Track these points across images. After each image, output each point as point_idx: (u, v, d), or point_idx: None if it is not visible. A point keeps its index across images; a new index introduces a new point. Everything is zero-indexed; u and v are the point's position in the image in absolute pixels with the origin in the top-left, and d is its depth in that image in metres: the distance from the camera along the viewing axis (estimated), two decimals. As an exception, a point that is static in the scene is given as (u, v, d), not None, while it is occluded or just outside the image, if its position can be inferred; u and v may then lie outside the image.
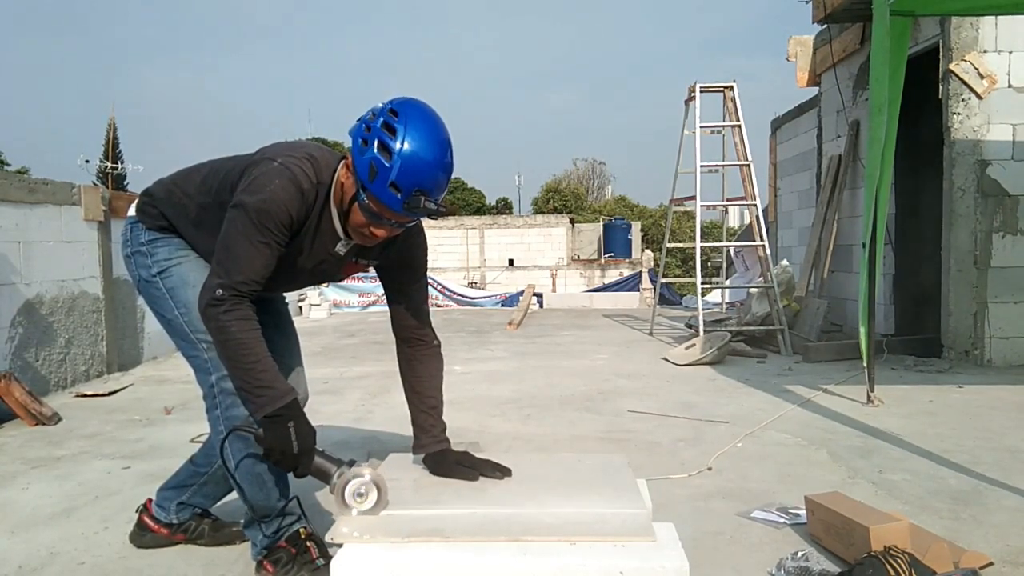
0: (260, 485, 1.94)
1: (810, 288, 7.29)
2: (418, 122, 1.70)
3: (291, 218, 1.78)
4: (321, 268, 1.99)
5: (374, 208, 1.74)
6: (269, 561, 1.94)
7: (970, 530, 2.23)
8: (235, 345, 1.74)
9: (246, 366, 1.74)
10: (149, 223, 2.04)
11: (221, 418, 1.92)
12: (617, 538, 1.52)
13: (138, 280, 2.06)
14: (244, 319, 1.75)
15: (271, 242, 1.77)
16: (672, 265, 19.88)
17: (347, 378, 5.25)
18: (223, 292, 1.74)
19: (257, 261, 1.76)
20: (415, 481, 1.89)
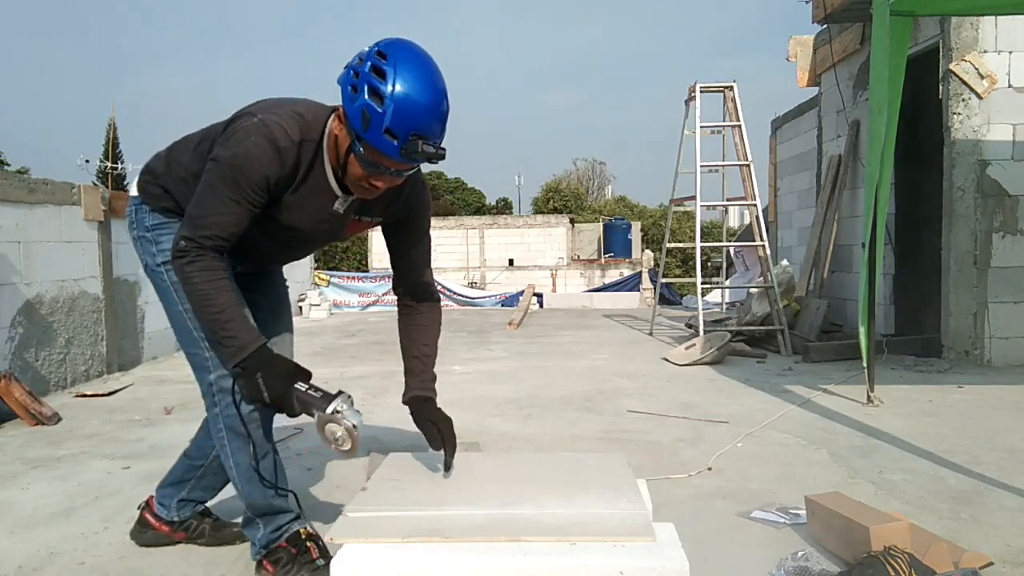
0: (257, 483, 1.93)
1: (810, 288, 7.29)
2: (408, 63, 1.62)
3: (266, 179, 1.73)
4: (322, 229, 1.93)
5: (370, 158, 1.67)
6: (269, 561, 1.94)
7: (970, 530, 2.23)
8: (198, 296, 1.73)
9: (210, 316, 1.73)
10: (153, 204, 1.98)
11: (220, 416, 1.91)
12: (617, 538, 1.52)
13: (144, 264, 2.03)
14: (207, 270, 1.72)
15: (242, 200, 1.72)
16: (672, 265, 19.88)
17: (347, 378, 5.25)
18: (186, 244, 1.71)
19: (224, 217, 1.72)
20: (415, 481, 1.89)
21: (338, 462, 3.07)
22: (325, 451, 3.21)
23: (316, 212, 1.86)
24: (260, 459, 1.91)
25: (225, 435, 1.92)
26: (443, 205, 30.28)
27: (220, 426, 1.91)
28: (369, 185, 1.76)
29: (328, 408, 1.72)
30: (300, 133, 1.75)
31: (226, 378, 1.86)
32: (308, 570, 1.90)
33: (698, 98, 7.15)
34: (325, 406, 1.72)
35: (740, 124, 7.18)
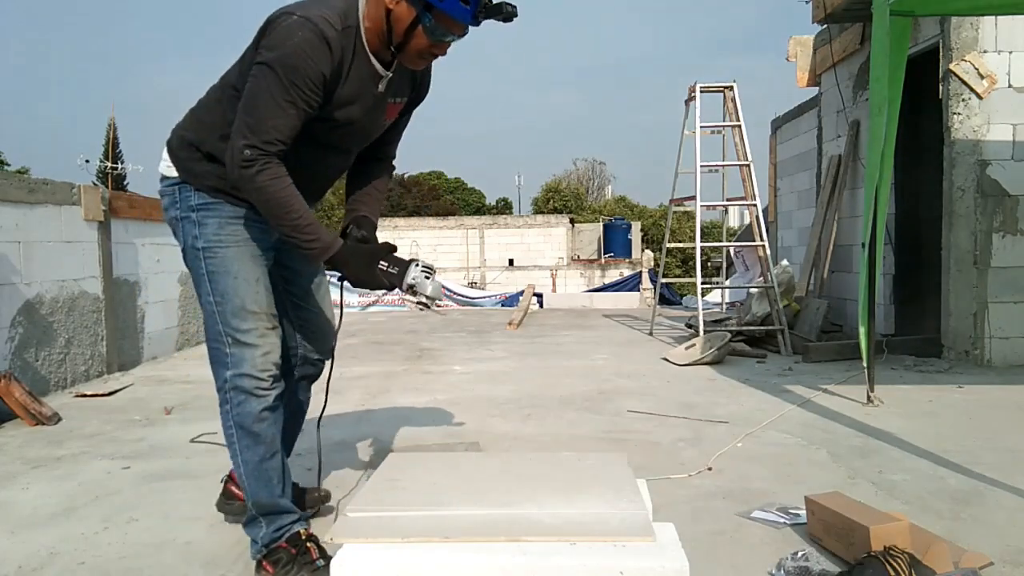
0: (265, 482, 1.96)
1: (810, 288, 7.29)
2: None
3: (321, 75, 1.75)
4: (371, 117, 1.98)
5: (442, 25, 1.76)
6: (269, 561, 1.94)
7: (970, 530, 2.23)
8: (276, 204, 1.77)
9: (291, 222, 1.79)
10: (197, 182, 1.95)
11: (231, 414, 1.95)
12: (617, 538, 1.52)
13: (183, 247, 2.03)
14: (277, 177, 1.76)
15: (298, 100, 1.73)
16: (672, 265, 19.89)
17: (347, 378, 5.25)
18: (251, 152, 1.72)
19: (283, 120, 1.73)
20: (415, 481, 1.89)
21: (338, 463, 3.07)
22: (325, 452, 3.21)
23: (366, 96, 1.91)
24: (268, 458, 1.95)
25: (235, 432, 1.96)
26: (443, 205, 30.29)
27: (230, 423, 1.95)
28: (431, 55, 1.86)
29: (404, 284, 1.91)
30: (341, 21, 1.78)
31: (240, 377, 1.90)
32: (308, 570, 1.90)
33: (698, 98, 7.15)
34: (401, 281, 1.91)
35: (740, 124, 7.18)
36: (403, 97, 2.05)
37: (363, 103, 1.91)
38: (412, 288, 1.91)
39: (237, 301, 1.92)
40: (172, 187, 2.00)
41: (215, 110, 1.95)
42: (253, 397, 1.93)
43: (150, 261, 6.22)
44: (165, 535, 2.29)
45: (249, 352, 1.92)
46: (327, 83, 1.77)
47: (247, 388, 1.91)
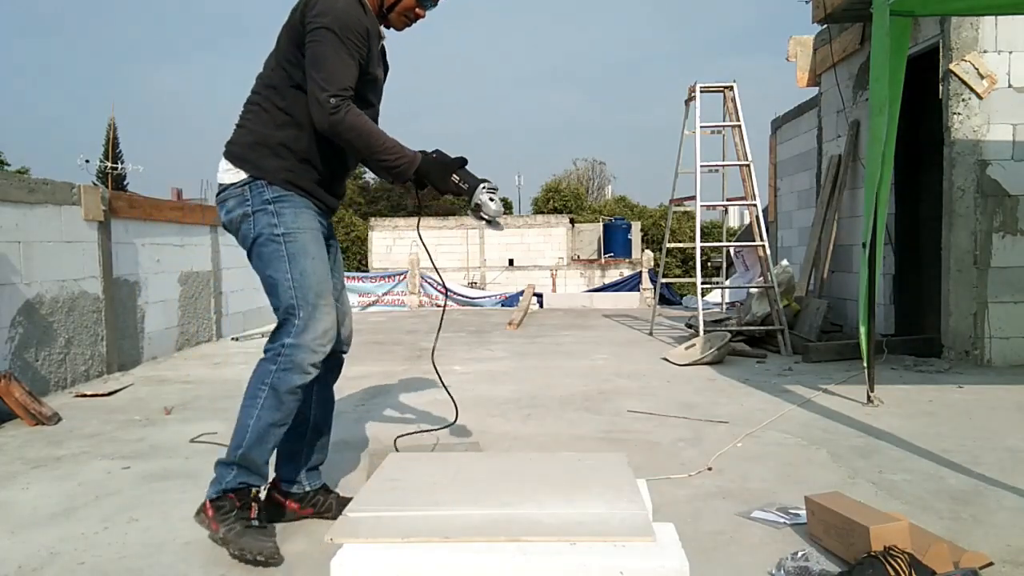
0: (265, 442, 2.12)
1: (810, 288, 7.29)
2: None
3: (367, 30, 2.07)
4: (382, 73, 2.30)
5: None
6: (213, 506, 2.08)
7: (970, 530, 2.23)
8: (367, 136, 2.05)
9: (382, 147, 2.07)
10: (271, 177, 2.17)
11: (273, 374, 2.10)
12: (617, 538, 1.52)
13: (256, 236, 2.17)
14: (359, 115, 2.04)
15: (354, 53, 2.04)
16: (672, 265, 19.89)
17: (347, 378, 5.23)
18: (336, 100, 1.99)
19: (347, 71, 2.03)
20: (415, 481, 1.89)
21: (338, 462, 3.07)
22: (325, 451, 3.22)
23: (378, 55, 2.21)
24: (279, 425, 2.11)
25: (266, 391, 2.10)
26: (443, 205, 30.28)
27: (267, 382, 2.10)
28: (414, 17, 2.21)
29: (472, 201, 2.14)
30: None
31: (298, 348, 2.08)
32: (242, 524, 2.03)
33: (698, 98, 7.15)
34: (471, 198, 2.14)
35: (740, 124, 7.18)
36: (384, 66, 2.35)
37: (377, 55, 2.21)
38: (478, 207, 2.13)
39: (315, 278, 2.15)
40: (240, 188, 2.18)
41: (265, 106, 2.18)
42: (299, 371, 2.10)
43: (150, 261, 6.22)
44: (165, 535, 2.29)
45: (316, 324, 2.12)
46: (367, 38, 2.08)
47: (298, 360, 2.09)
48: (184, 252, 6.94)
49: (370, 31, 2.10)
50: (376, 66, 2.21)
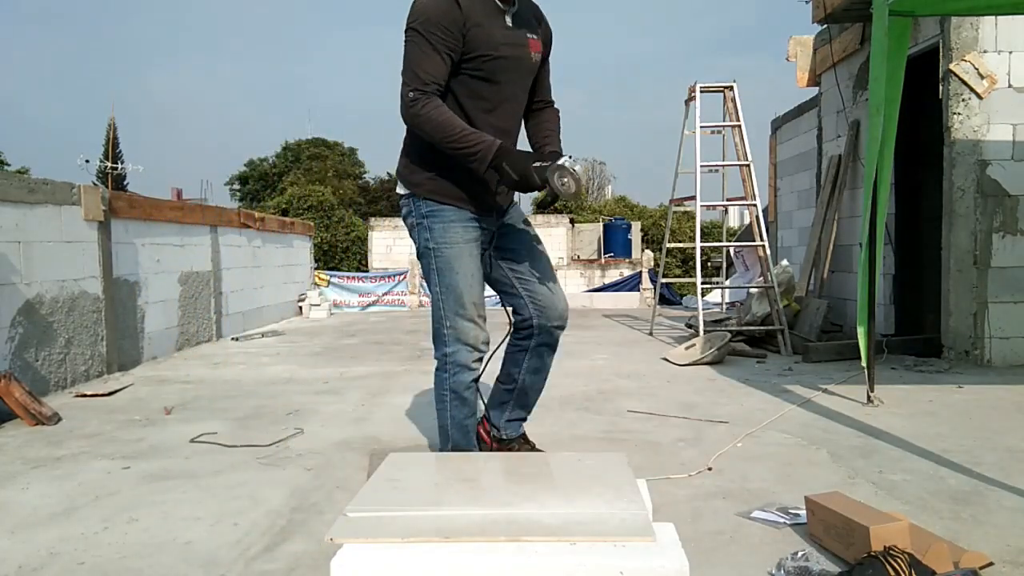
0: (465, 433, 2.46)
1: (810, 288, 7.29)
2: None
3: (452, 21, 2.15)
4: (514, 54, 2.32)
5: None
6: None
7: (970, 530, 2.23)
8: (437, 127, 2.14)
9: (453, 139, 2.15)
10: (420, 191, 2.40)
11: (448, 381, 2.39)
12: (617, 538, 1.52)
13: (418, 247, 2.47)
14: (436, 107, 2.15)
15: (438, 45, 2.14)
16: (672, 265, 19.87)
17: (347, 378, 5.25)
18: (414, 94, 2.14)
19: (430, 63, 2.14)
20: (415, 481, 1.89)
21: (338, 463, 3.07)
22: (325, 452, 3.22)
23: (496, 30, 2.27)
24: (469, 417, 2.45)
25: (448, 396, 2.40)
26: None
27: (446, 388, 2.40)
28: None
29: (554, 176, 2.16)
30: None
31: (458, 353, 2.36)
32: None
33: (698, 98, 7.15)
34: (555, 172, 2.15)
35: (740, 124, 7.18)
36: (535, 35, 2.40)
37: (498, 35, 2.27)
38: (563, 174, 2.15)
39: (457, 293, 2.36)
40: (407, 200, 2.46)
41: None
42: (467, 370, 2.39)
43: (150, 261, 6.22)
44: (165, 535, 2.29)
45: (464, 335, 2.37)
46: (460, 26, 2.16)
47: (462, 362, 2.36)
48: (184, 252, 6.94)
49: (463, 20, 2.17)
50: (493, 46, 2.27)
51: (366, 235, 18.92)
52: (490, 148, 2.16)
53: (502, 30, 2.29)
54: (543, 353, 2.65)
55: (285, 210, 19.02)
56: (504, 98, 2.39)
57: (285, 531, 2.31)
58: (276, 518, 2.43)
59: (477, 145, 2.16)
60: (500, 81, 2.34)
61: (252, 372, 5.58)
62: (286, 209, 19.16)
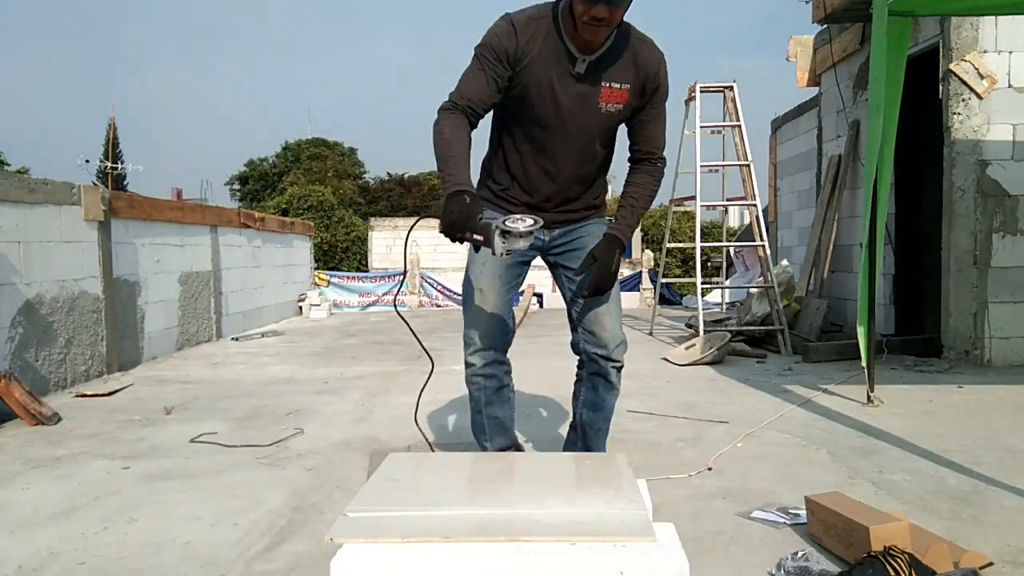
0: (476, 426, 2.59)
1: (810, 288, 7.29)
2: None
3: (504, 50, 2.15)
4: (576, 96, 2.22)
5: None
6: None
7: (970, 530, 2.23)
8: (437, 141, 2.14)
9: (439, 158, 2.13)
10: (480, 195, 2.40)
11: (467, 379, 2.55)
12: (617, 538, 1.52)
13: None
14: (456, 124, 2.15)
15: (486, 67, 2.16)
16: (672, 265, 19.87)
17: (347, 378, 5.25)
18: (447, 103, 2.18)
19: (473, 83, 2.17)
20: (415, 481, 1.89)
21: (338, 463, 3.07)
22: (325, 452, 3.22)
23: (560, 74, 2.19)
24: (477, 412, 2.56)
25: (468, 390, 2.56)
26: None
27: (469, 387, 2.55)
28: (590, 19, 2.05)
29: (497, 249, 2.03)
30: (534, 12, 2.19)
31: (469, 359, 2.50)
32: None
33: (698, 98, 7.15)
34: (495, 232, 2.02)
35: (740, 124, 7.18)
36: (622, 83, 2.24)
37: (554, 81, 2.20)
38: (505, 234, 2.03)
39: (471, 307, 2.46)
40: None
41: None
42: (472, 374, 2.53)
43: (150, 261, 6.22)
44: (165, 535, 2.29)
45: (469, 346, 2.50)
46: (513, 57, 2.16)
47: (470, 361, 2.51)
48: (184, 252, 6.94)
49: (516, 52, 2.15)
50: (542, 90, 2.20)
51: (366, 235, 18.92)
52: (449, 187, 2.07)
53: (563, 77, 2.20)
54: (597, 385, 2.49)
55: (285, 210, 19.03)
56: (558, 143, 2.31)
57: (285, 531, 2.31)
58: (276, 518, 2.43)
59: (446, 179, 2.09)
60: (549, 127, 2.28)
61: (252, 372, 5.57)
62: (286, 209, 19.17)
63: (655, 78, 2.26)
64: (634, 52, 2.22)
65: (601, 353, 2.43)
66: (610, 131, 2.37)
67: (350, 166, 33.23)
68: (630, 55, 2.22)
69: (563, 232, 2.50)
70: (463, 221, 2.02)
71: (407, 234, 2.93)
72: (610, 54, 2.20)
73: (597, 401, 2.52)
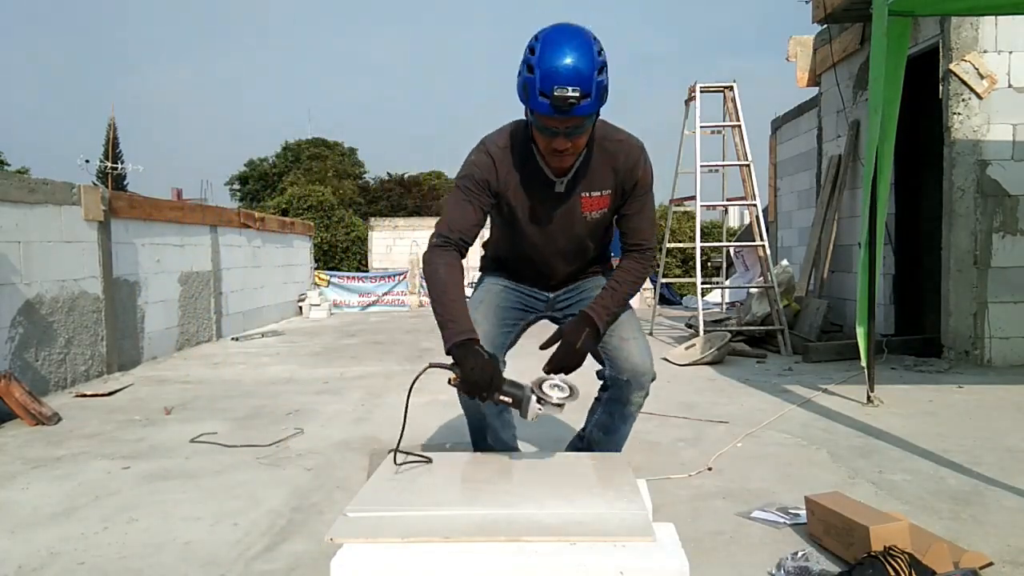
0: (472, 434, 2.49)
1: (810, 288, 7.29)
2: (551, 36, 1.97)
3: (486, 181, 2.16)
4: (558, 213, 2.25)
5: (540, 123, 2.01)
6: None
7: (970, 530, 2.23)
8: (433, 279, 2.10)
9: (438, 299, 2.08)
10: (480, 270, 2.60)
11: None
12: (617, 538, 1.52)
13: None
14: (447, 263, 2.12)
15: (471, 199, 2.16)
16: (672, 265, 19.86)
17: (347, 378, 5.25)
18: (436, 240, 2.15)
19: (457, 213, 2.16)
20: (415, 481, 1.89)
21: (338, 463, 3.07)
22: (325, 452, 3.22)
23: (541, 197, 2.22)
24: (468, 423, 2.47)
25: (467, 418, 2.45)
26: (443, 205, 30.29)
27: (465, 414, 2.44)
28: (553, 151, 2.07)
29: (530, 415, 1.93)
30: (508, 140, 2.19)
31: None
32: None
33: (698, 98, 7.15)
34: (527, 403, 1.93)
35: (740, 124, 7.18)
36: (603, 190, 2.24)
37: (536, 198, 2.23)
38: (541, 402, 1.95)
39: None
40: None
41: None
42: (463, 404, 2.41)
43: (150, 261, 6.22)
44: (165, 535, 2.29)
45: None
46: (495, 187, 2.19)
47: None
48: (184, 252, 6.94)
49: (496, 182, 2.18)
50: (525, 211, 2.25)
51: (366, 235, 18.92)
52: (450, 337, 2.01)
53: (545, 198, 2.23)
54: (613, 411, 2.44)
55: (285, 210, 19.02)
56: (549, 253, 2.35)
57: (285, 531, 2.31)
58: (276, 518, 2.43)
59: (446, 325, 2.03)
60: (538, 243, 2.33)
61: (252, 372, 5.57)
62: (286, 209, 19.16)
63: (633, 175, 2.24)
64: (611, 156, 2.21)
65: (624, 377, 2.36)
66: (598, 231, 2.38)
67: (350, 166, 33.24)
68: (607, 161, 2.21)
69: (567, 290, 2.52)
70: (487, 383, 1.95)
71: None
72: (585, 166, 2.20)
73: (610, 426, 2.47)
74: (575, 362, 2.21)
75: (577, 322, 2.24)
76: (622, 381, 2.36)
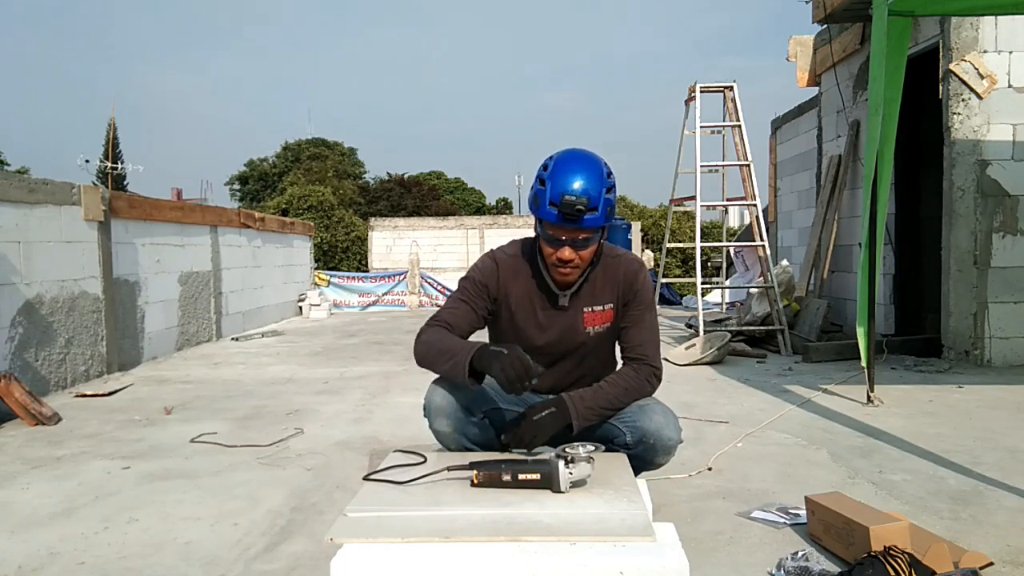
0: None
1: (810, 288, 7.29)
2: (563, 155, 2.12)
3: (484, 285, 2.24)
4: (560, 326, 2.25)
5: (548, 232, 2.09)
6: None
7: (970, 530, 2.23)
8: (427, 344, 2.19)
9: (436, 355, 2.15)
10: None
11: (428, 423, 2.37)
12: (617, 538, 1.52)
13: None
14: (434, 331, 2.21)
15: (467, 298, 2.24)
16: (672, 265, 19.86)
17: (347, 378, 5.25)
18: (424, 326, 2.26)
19: (453, 311, 2.24)
20: (415, 481, 1.89)
21: (338, 463, 3.07)
22: (325, 452, 3.22)
23: (543, 310, 2.25)
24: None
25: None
26: (443, 205, 30.29)
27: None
28: (558, 260, 2.12)
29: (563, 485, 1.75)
30: (516, 250, 2.29)
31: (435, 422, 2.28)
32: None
33: (698, 98, 7.15)
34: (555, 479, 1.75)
35: (740, 124, 7.18)
36: (605, 304, 2.26)
37: (539, 309, 2.26)
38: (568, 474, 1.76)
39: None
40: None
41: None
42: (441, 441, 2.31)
43: (150, 261, 6.22)
44: (165, 535, 2.29)
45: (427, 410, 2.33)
46: (493, 292, 2.25)
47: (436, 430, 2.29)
48: (184, 252, 6.94)
49: (496, 290, 2.24)
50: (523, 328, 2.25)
51: (366, 235, 18.91)
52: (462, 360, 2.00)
53: (546, 311, 2.24)
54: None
55: (285, 210, 19.03)
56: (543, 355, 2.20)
57: (285, 531, 2.31)
58: (276, 518, 2.43)
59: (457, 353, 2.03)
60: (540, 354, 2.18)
61: (252, 372, 5.57)
62: (286, 209, 19.17)
63: (633, 287, 2.26)
64: (612, 271, 2.25)
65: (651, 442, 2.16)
66: (600, 348, 2.32)
67: (350, 166, 33.26)
68: (608, 275, 2.25)
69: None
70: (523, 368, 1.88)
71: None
72: (589, 281, 2.24)
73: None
74: (529, 434, 2.04)
75: (547, 402, 2.12)
76: (647, 444, 2.16)
